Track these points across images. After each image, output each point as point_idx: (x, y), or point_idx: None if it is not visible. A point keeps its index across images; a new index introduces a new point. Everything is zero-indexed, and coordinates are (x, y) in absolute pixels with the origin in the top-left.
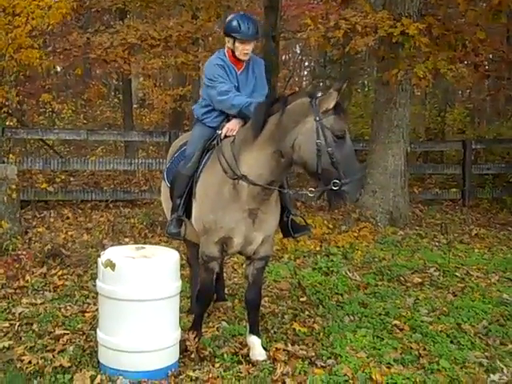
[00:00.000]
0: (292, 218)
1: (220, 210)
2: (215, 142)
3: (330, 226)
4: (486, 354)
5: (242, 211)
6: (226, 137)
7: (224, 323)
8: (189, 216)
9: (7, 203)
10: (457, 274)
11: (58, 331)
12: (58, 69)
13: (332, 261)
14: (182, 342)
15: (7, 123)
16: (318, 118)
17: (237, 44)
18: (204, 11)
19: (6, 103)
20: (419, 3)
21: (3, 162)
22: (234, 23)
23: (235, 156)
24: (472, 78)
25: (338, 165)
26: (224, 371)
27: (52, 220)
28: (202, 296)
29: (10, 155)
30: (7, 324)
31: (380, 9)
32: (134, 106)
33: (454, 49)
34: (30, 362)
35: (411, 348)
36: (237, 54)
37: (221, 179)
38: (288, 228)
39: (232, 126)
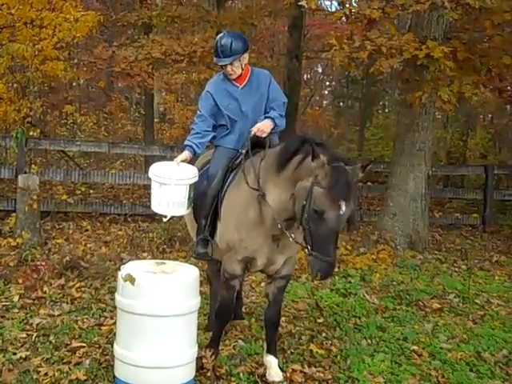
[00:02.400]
0: None
1: (245, 231)
2: (239, 160)
3: (349, 248)
4: (505, 383)
5: (266, 236)
6: (254, 146)
7: (241, 342)
8: (213, 236)
9: (28, 213)
10: (477, 301)
11: (75, 344)
12: (81, 81)
13: (350, 282)
14: (199, 359)
15: (30, 134)
16: (313, 181)
17: (222, 66)
18: (229, 28)
19: (30, 114)
20: (445, 26)
21: (25, 173)
22: (214, 46)
23: (259, 180)
24: (495, 102)
25: (310, 235)
26: None
27: (71, 232)
28: (221, 313)
29: (33, 166)
30: (24, 334)
31: (405, 31)
32: (156, 120)
33: (478, 73)
34: (46, 374)
35: (430, 375)
36: (226, 74)
37: (246, 199)
38: None
39: (263, 127)
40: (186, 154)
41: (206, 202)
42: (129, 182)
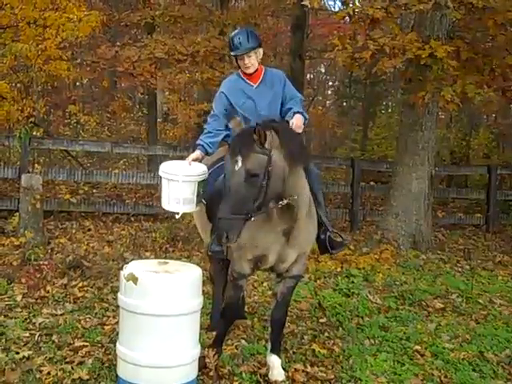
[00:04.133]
0: (329, 234)
1: (255, 229)
2: None
3: (352, 248)
4: (508, 383)
5: (276, 231)
6: None
7: (243, 342)
8: None
9: (31, 213)
10: (480, 300)
11: (78, 343)
12: (84, 81)
13: (353, 282)
14: (201, 358)
15: (33, 133)
16: None
17: (238, 61)
18: (231, 28)
19: (33, 113)
20: (448, 26)
21: (28, 172)
22: (230, 42)
23: None
24: (499, 102)
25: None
26: None
27: (74, 231)
28: (227, 313)
29: (36, 165)
30: (27, 334)
31: (408, 31)
32: (158, 120)
33: (481, 73)
34: (49, 373)
35: (433, 375)
36: (242, 69)
37: None
38: (326, 245)
39: (299, 123)
40: (197, 154)
41: None
42: (132, 182)
